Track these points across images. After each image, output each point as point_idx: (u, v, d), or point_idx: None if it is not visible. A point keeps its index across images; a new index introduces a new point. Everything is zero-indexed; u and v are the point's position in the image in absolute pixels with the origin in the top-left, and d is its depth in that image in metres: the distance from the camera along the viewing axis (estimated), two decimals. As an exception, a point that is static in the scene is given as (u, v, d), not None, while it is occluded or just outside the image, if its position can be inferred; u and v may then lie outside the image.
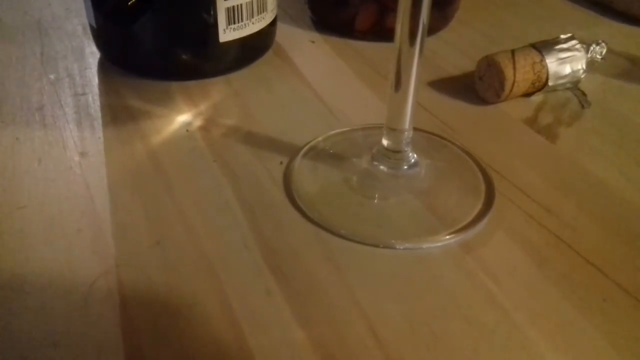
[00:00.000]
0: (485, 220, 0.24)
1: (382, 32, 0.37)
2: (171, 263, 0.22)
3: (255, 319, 0.20)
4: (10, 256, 0.22)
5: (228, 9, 0.31)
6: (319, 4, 0.40)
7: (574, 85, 0.33)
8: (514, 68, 0.31)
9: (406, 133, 0.25)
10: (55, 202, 0.25)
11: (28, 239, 0.23)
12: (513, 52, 0.31)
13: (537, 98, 0.33)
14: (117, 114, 0.31)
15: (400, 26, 0.23)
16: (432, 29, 0.39)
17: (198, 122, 0.30)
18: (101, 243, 0.23)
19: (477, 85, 0.32)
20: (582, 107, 0.32)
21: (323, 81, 0.34)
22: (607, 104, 0.32)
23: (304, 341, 0.19)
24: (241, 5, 0.32)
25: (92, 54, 0.36)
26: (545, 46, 0.32)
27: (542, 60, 0.31)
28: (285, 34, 0.39)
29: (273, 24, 0.36)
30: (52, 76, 0.34)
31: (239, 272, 0.22)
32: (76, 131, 0.29)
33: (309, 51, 0.37)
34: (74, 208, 0.25)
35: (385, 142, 0.26)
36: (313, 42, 0.38)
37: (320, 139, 0.29)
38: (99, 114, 0.31)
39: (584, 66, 0.33)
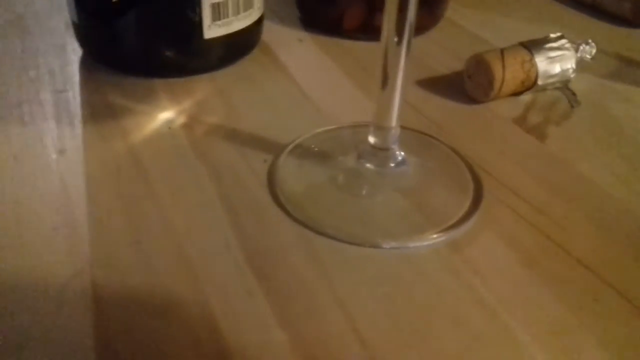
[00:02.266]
0: (473, 219, 0.24)
1: (370, 31, 0.37)
2: (150, 263, 0.21)
3: (235, 320, 0.19)
4: (-19, 255, 0.21)
5: (213, 5, 0.31)
6: (307, 2, 0.39)
7: (563, 84, 0.32)
8: (503, 67, 0.30)
9: (393, 130, 0.25)
10: (30, 199, 0.24)
11: (1, 237, 0.22)
12: (502, 50, 0.31)
13: (526, 97, 0.32)
14: (98, 111, 0.30)
15: (387, 23, 0.22)
16: (421, 28, 0.39)
17: (181, 120, 0.29)
18: (77, 242, 0.22)
19: (466, 84, 0.32)
20: (572, 106, 0.32)
21: (310, 79, 0.33)
22: (596, 104, 0.32)
23: (285, 342, 0.19)
24: (227, 1, 0.31)
25: (74, 51, 0.35)
26: (535, 45, 0.32)
27: (532, 59, 0.31)
28: (273, 32, 0.38)
29: (260, 21, 0.35)
30: (32, 73, 0.33)
31: (220, 272, 0.21)
32: (55, 128, 0.28)
33: (296, 49, 0.37)
34: (50, 206, 0.24)
35: (372, 139, 0.25)
36: (301, 40, 0.38)
37: (306, 136, 0.28)
38: (79, 112, 0.30)
39: (574, 65, 0.32)
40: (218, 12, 0.31)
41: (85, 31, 0.33)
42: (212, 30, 0.31)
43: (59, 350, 0.18)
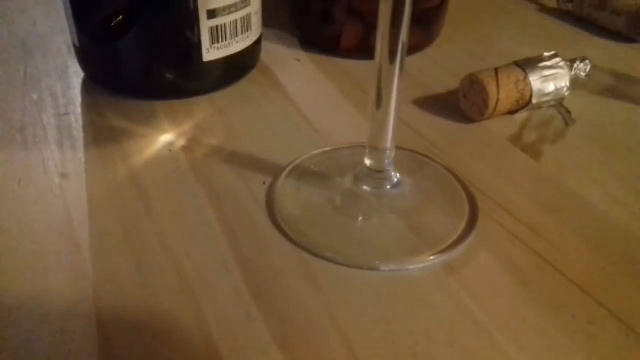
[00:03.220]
0: (468, 241, 0.24)
1: (367, 50, 0.37)
2: (150, 287, 0.22)
3: (234, 343, 0.20)
4: (-14, 281, 0.22)
5: (212, 28, 0.31)
6: (305, 22, 0.40)
7: (558, 102, 0.33)
8: (498, 86, 0.31)
9: (388, 152, 0.25)
10: (34, 224, 0.24)
11: (5, 262, 0.23)
12: (497, 70, 0.31)
13: (521, 116, 0.33)
14: (99, 134, 0.30)
15: (380, 44, 0.23)
16: (417, 47, 0.39)
17: (181, 142, 0.30)
18: (80, 266, 0.23)
19: (462, 104, 0.32)
20: (567, 124, 0.32)
21: (308, 100, 0.34)
22: (591, 122, 0.32)
23: (283, 367, 0.19)
24: (225, 24, 0.32)
25: (76, 74, 0.35)
26: (529, 64, 0.32)
27: (526, 78, 0.31)
28: (271, 52, 0.39)
29: (258, 42, 0.36)
30: (34, 96, 0.33)
31: (219, 295, 0.22)
32: (57, 152, 0.29)
33: (294, 69, 0.37)
34: (53, 230, 0.24)
35: (368, 161, 0.26)
36: (298, 60, 0.38)
37: (304, 158, 0.28)
38: (81, 135, 0.30)
39: (568, 84, 0.33)
40: (217, 36, 0.32)
41: (87, 54, 0.34)
42: (211, 53, 0.32)
43: (62, 376, 0.19)
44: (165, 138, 0.30)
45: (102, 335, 0.20)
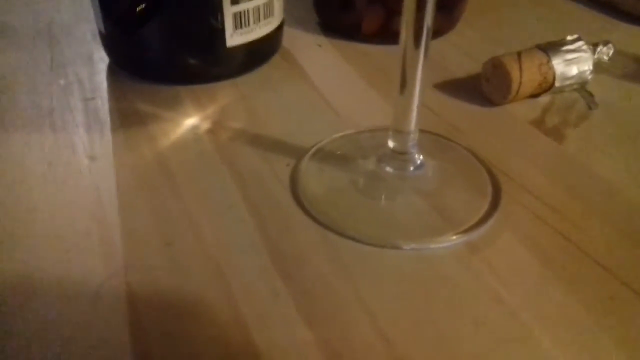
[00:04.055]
0: (491, 221, 0.24)
1: (388, 35, 0.37)
2: (179, 265, 0.22)
3: (262, 320, 0.20)
4: (19, 259, 0.23)
5: (235, 14, 0.32)
6: (326, 7, 0.40)
7: (581, 86, 0.33)
8: (520, 69, 0.31)
9: (412, 134, 0.25)
10: (64, 205, 0.25)
11: (37, 242, 0.23)
12: (519, 53, 0.31)
13: (544, 99, 0.33)
14: (125, 118, 0.31)
15: (405, 28, 0.23)
16: (438, 31, 0.39)
17: (206, 126, 0.30)
18: (110, 246, 0.23)
19: (484, 87, 0.32)
20: (589, 108, 0.32)
21: (330, 84, 0.34)
22: (614, 105, 0.32)
23: (311, 341, 0.19)
24: (248, 10, 0.32)
25: (102, 59, 0.36)
26: (552, 47, 0.32)
27: (549, 61, 0.31)
28: (292, 37, 0.39)
29: (280, 27, 0.36)
30: (61, 81, 0.34)
31: (247, 273, 0.22)
32: (85, 135, 0.29)
33: (315, 55, 0.38)
34: (83, 211, 0.25)
35: (391, 143, 0.26)
36: (320, 45, 0.39)
37: (326, 141, 0.29)
38: (108, 118, 0.31)
39: (591, 67, 0.32)
40: (240, 21, 0.32)
41: (112, 40, 0.34)
42: (234, 38, 0.32)
43: (96, 351, 0.19)
44: (190, 122, 0.31)
45: (133, 313, 0.20)
